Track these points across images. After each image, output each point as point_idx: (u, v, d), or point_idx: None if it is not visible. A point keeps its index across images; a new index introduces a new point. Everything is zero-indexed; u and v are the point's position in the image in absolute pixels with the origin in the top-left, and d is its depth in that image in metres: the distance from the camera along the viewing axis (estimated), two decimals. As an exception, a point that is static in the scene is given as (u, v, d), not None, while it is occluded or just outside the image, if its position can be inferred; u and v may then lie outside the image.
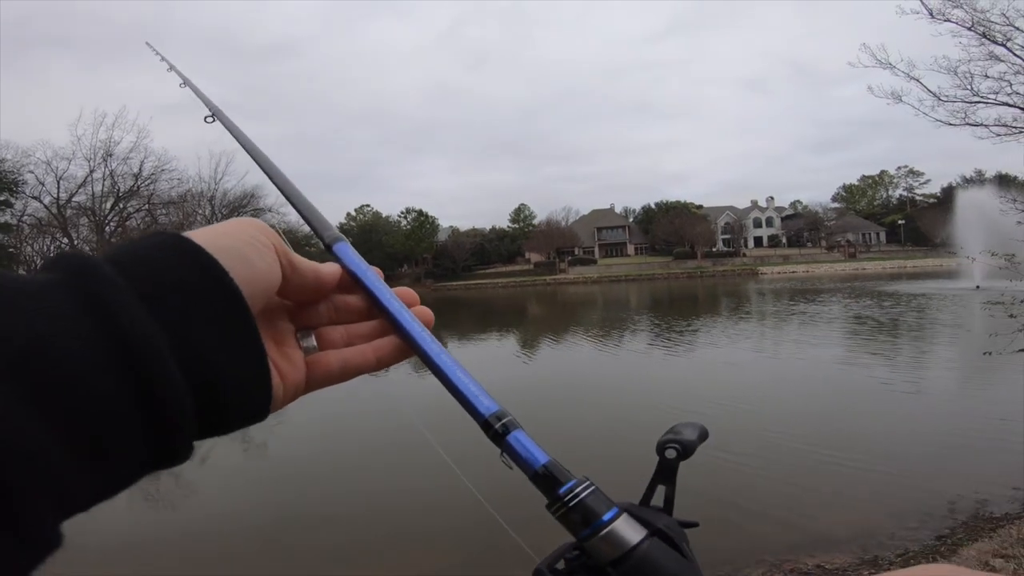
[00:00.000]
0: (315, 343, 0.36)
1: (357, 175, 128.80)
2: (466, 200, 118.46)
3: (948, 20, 5.66)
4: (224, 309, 0.27)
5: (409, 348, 0.37)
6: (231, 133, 0.56)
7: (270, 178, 0.50)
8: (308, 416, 7.07)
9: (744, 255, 58.57)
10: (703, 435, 0.51)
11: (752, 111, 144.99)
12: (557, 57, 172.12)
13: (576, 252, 62.58)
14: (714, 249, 60.34)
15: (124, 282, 0.24)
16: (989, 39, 5.63)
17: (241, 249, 0.29)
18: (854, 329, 13.14)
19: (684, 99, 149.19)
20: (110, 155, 35.42)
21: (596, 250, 65.37)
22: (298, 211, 0.45)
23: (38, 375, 0.20)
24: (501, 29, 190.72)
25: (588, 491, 0.32)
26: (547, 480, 0.33)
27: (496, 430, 0.34)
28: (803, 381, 8.30)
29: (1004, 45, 5.63)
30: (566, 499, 0.32)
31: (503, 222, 68.82)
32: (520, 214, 67.26)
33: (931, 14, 5.68)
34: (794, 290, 26.65)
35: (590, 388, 8.90)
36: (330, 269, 0.37)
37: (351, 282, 0.39)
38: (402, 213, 62.92)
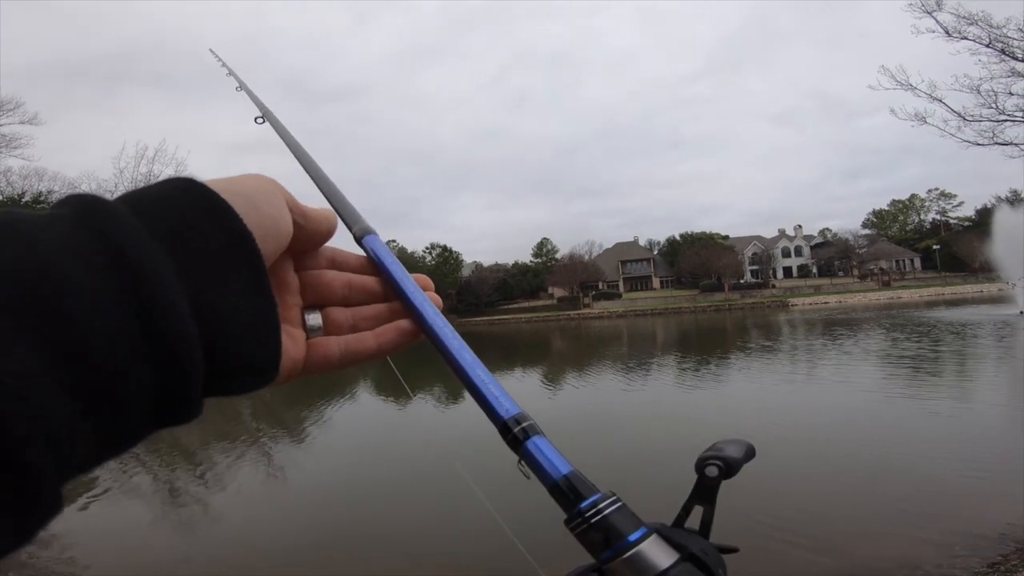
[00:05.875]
0: (320, 323, 0.35)
1: (399, 212, 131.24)
2: (494, 236, 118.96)
3: (964, 38, 5.59)
4: (236, 255, 0.26)
5: (415, 335, 0.37)
6: (278, 133, 0.60)
7: (308, 172, 0.51)
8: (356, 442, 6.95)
9: (773, 286, 57.08)
10: (749, 454, 0.47)
11: (780, 143, 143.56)
12: (594, 99, 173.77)
13: (600, 286, 62.09)
14: (742, 281, 59.14)
15: (137, 221, 0.23)
16: (1009, 55, 5.54)
17: (253, 197, 0.29)
18: (894, 358, 12.62)
19: (714, 135, 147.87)
20: (150, 188, 36.95)
21: (620, 284, 64.78)
22: (331, 204, 0.45)
23: (38, 308, 0.18)
24: (543, 75, 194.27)
25: (613, 507, 0.29)
26: (567, 493, 0.29)
27: (515, 434, 0.31)
28: (840, 410, 7.94)
29: (1024, 61, 5.52)
30: (587, 515, 0.28)
31: (526, 257, 68.70)
32: (542, 248, 67.15)
33: (947, 32, 5.62)
34: (827, 321, 25.85)
35: (619, 419, 8.69)
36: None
37: (374, 268, 0.39)
38: (427, 249, 63.24)
